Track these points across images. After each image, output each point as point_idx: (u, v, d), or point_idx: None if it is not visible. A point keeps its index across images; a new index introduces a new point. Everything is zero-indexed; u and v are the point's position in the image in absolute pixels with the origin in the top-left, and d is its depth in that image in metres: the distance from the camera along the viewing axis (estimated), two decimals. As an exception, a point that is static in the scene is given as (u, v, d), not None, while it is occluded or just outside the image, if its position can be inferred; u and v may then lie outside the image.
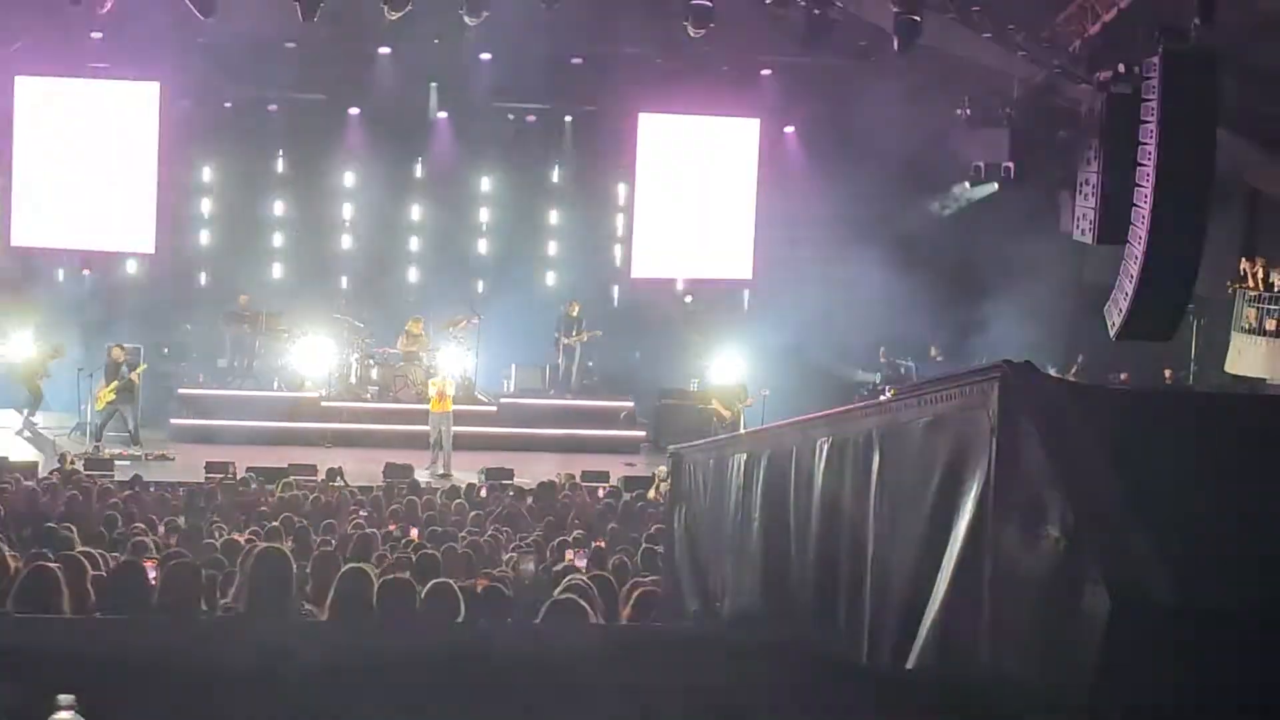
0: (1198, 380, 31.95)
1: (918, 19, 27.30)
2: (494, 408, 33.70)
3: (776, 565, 8.70)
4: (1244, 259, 31.32)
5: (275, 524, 17.75)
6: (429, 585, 10.07)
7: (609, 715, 5.20)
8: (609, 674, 5.70)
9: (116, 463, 27.83)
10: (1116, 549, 4.86)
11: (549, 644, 6.87)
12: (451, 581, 10.45)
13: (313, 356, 33.55)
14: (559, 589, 11.35)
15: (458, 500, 23.26)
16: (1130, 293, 26.75)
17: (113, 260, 34.52)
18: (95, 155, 33.29)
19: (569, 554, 17.20)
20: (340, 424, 32.09)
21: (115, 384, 30.40)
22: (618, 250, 37.43)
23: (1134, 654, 4.72)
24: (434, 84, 34.96)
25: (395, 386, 33.16)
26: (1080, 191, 28.74)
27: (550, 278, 37.60)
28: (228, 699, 5.14)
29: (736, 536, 9.86)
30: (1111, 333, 27.99)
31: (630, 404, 34.61)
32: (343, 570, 10.06)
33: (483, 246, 37.59)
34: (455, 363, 33.28)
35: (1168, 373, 32.41)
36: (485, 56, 33.68)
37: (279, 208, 36.32)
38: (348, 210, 36.70)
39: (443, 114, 36.14)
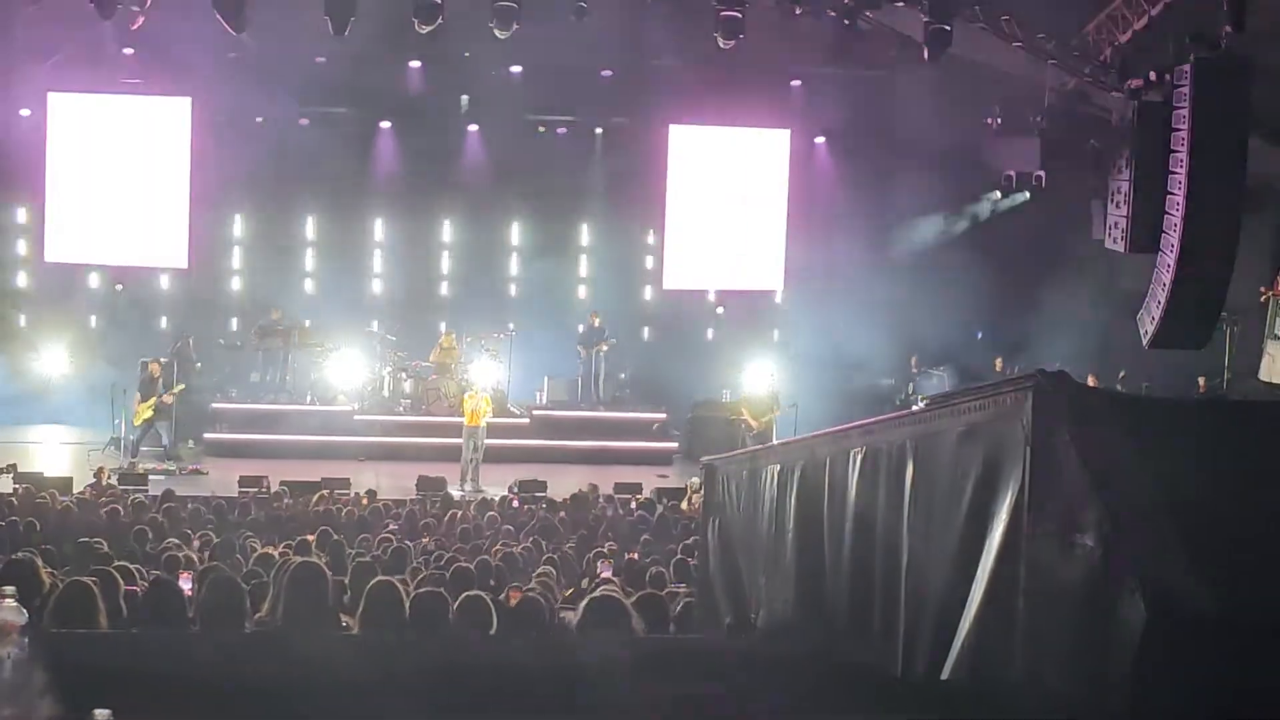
0: (1231, 389, 31.80)
1: (948, 28, 27.27)
2: (526, 420, 33.75)
3: (811, 576, 8.70)
4: (1277, 267, 31.19)
5: (309, 538, 17.78)
6: (461, 598, 10.07)
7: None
8: (643, 686, 5.69)
9: (151, 477, 27.89)
10: (1152, 558, 4.85)
11: (582, 656, 6.86)
12: (484, 594, 10.45)
13: (345, 370, 33.61)
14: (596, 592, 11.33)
15: (490, 513, 23.27)
16: (1163, 301, 26.68)
17: (146, 275, 34.62)
18: (128, 171, 33.39)
19: (600, 565, 17.21)
20: (373, 437, 32.12)
21: (153, 401, 30.46)
22: (649, 262, 37.42)
23: (1170, 664, 4.71)
24: (465, 97, 35.03)
25: (428, 400, 33.19)
26: (1112, 200, 28.67)
27: (582, 289, 37.62)
28: (263, 713, 5.15)
29: (770, 547, 9.86)
30: (1145, 341, 27.92)
31: (663, 415, 34.61)
32: (371, 584, 10.06)
33: (514, 258, 37.61)
34: (488, 375, 33.29)
35: (1201, 381, 32.26)
36: (515, 69, 33.77)
37: (311, 221, 36.40)
38: (379, 223, 36.76)
39: (473, 127, 36.21)
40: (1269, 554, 5.05)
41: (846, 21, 28.91)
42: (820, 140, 36.96)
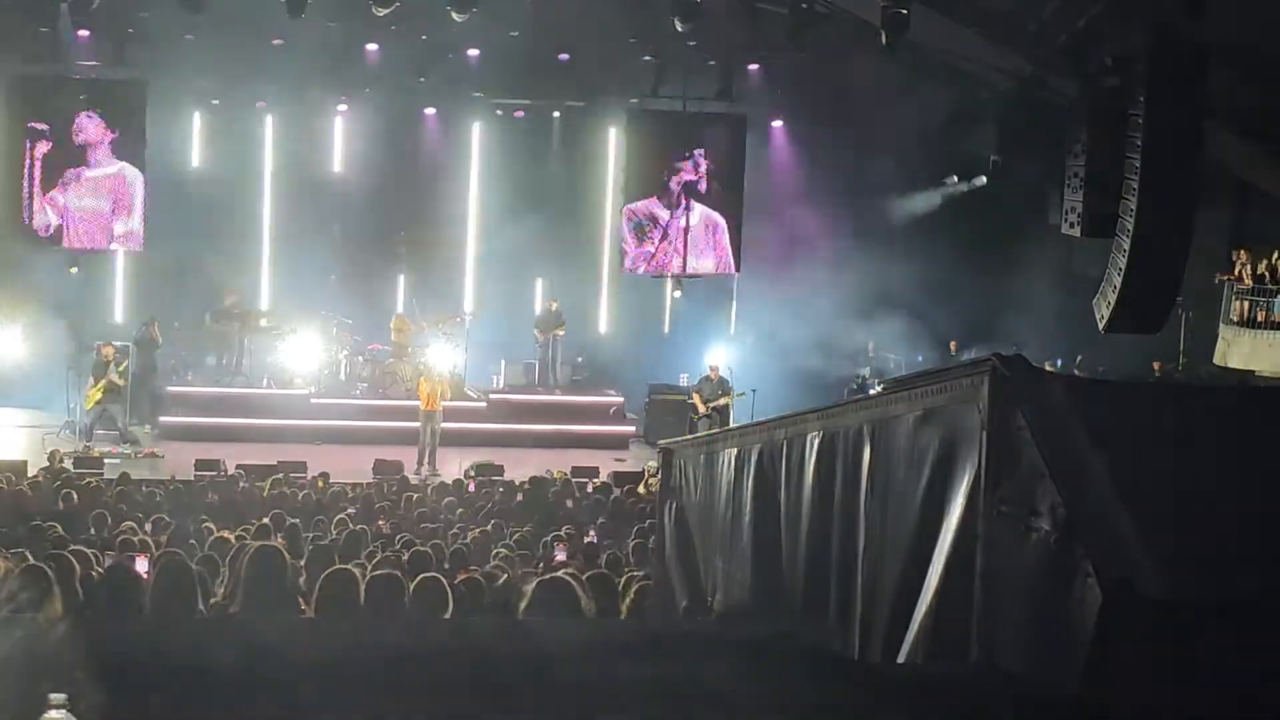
0: (1187, 373, 31.96)
1: (905, 12, 27.28)
2: (483, 404, 33.69)
3: (767, 560, 8.71)
4: (1232, 251, 31.35)
5: (265, 521, 17.74)
6: (416, 580, 10.06)
7: (598, 711, 5.20)
8: (600, 671, 5.69)
9: (106, 461, 27.80)
10: (1107, 542, 4.86)
11: (538, 639, 6.86)
12: (440, 576, 10.44)
13: (301, 353, 33.52)
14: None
15: (448, 497, 23.25)
16: (1118, 286, 26.77)
17: (101, 257, 34.43)
18: (83, 152, 33.17)
19: (556, 549, 17.24)
20: (329, 421, 32.02)
21: (102, 383, 30.36)
22: (606, 245, 37.40)
23: (1125, 647, 4.72)
24: (422, 80, 34.88)
25: (384, 383, 33.11)
26: (1068, 185, 28.76)
27: (539, 273, 37.54)
28: (219, 697, 5.13)
29: (727, 532, 9.87)
30: (1100, 326, 28.01)
31: (620, 399, 34.61)
32: (326, 573, 10.03)
33: (471, 242, 37.52)
34: (445, 359, 33.23)
35: (1156, 366, 32.42)
36: (473, 53, 33.65)
37: (267, 204, 36.23)
38: (336, 206, 36.61)
39: (431, 110, 36.12)
40: (1223, 536, 5.07)
41: (804, 5, 28.91)
42: (777, 124, 36.98)
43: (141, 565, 12.66)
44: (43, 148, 32.74)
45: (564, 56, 34.65)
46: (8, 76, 32.48)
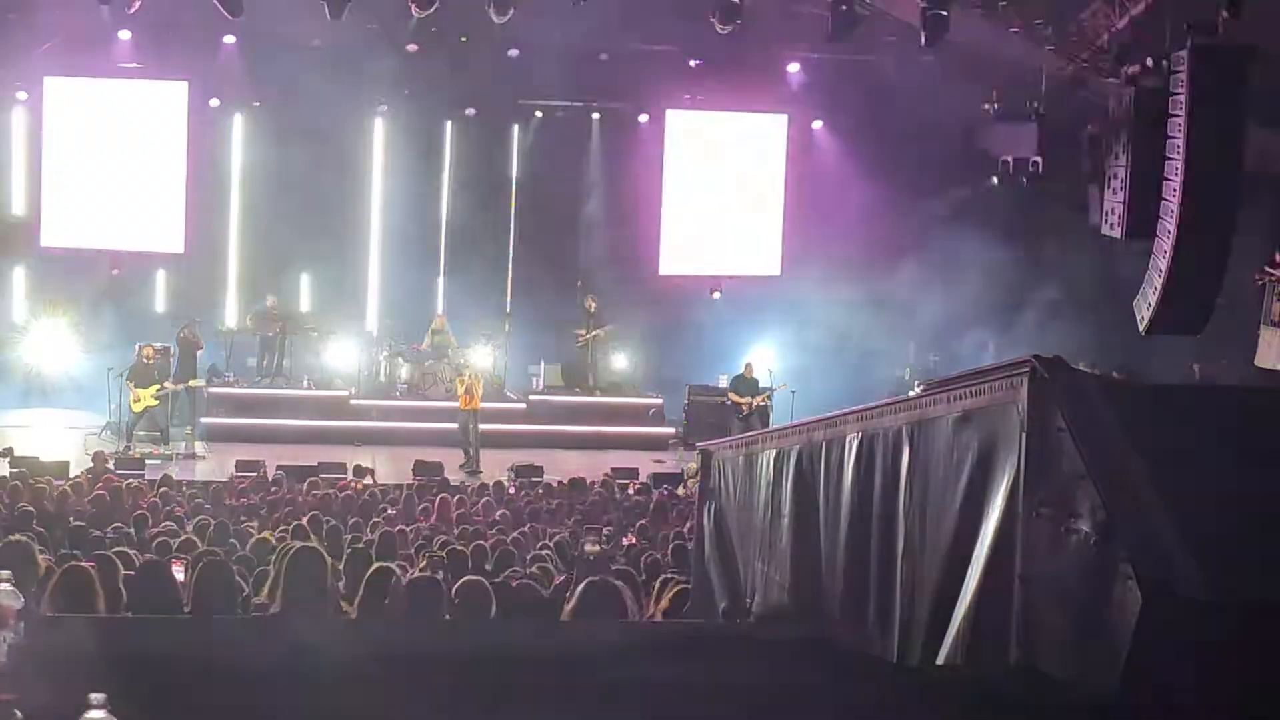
0: (1227, 374, 31.78)
1: (945, 13, 27.27)
2: (523, 404, 33.71)
3: (806, 561, 8.70)
4: (1274, 252, 31.17)
5: (305, 523, 17.78)
6: (459, 583, 10.06)
7: (639, 713, 5.20)
8: (639, 671, 5.69)
9: (147, 462, 27.87)
10: (1147, 544, 4.85)
11: (579, 641, 6.86)
12: (483, 579, 10.44)
13: (342, 355, 33.57)
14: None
15: (486, 498, 23.25)
16: (1159, 287, 26.68)
17: (142, 259, 34.54)
18: (125, 155, 33.34)
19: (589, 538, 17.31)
20: (370, 422, 32.07)
21: (154, 389, 30.43)
22: (646, 247, 37.39)
23: (1165, 648, 4.71)
24: (462, 80, 34.87)
25: (424, 384, 33.12)
26: (1109, 186, 28.66)
27: (578, 274, 37.53)
28: (260, 698, 5.15)
29: (766, 533, 9.86)
30: (1141, 327, 27.93)
31: (659, 401, 34.58)
32: (371, 570, 10.05)
33: (510, 243, 37.53)
34: (484, 360, 33.25)
35: (1196, 368, 32.24)
36: (512, 53, 33.64)
37: (307, 205, 36.28)
38: (375, 208, 36.66)
39: (470, 111, 36.10)
40: (1263, 537, 5.06)
41: (844, 5, 28.89)
42: (818, 124, 36.91)
43: (178, 569, 12.71)
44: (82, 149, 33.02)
45: (604, 57, 34.59)
46: (47, 78, 32.64)
